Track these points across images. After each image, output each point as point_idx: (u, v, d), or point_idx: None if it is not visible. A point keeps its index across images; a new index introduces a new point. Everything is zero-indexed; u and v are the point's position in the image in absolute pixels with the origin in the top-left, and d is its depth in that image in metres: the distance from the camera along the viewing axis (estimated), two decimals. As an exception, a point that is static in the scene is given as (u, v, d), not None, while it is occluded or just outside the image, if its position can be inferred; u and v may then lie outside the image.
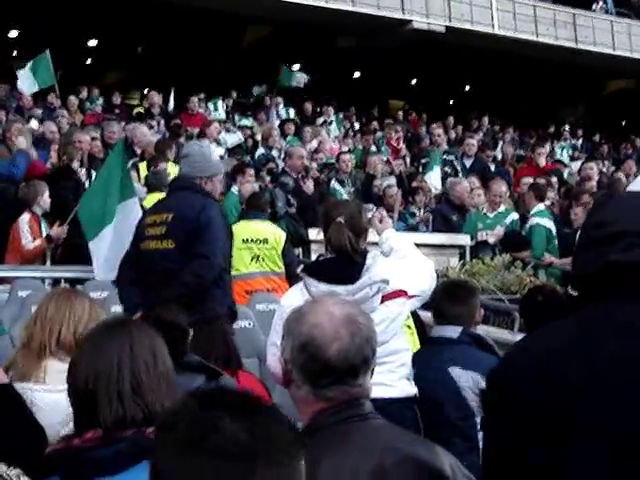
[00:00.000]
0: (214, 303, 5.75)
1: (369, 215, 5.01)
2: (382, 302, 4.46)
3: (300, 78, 20.13)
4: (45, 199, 9.06)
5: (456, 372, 4.82)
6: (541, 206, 10.78)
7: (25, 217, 8.95)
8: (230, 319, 5.88)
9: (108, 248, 7.13)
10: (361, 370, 2.46)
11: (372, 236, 4.97)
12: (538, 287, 6.28)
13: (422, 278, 4.72)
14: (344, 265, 4.45)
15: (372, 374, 2.55)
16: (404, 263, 4.74)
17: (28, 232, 8.92)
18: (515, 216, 10.97)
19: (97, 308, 4.11)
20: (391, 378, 4.44)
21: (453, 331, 4.96)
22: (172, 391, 2.57)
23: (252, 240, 8.43)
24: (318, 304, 2.56)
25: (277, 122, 17.14)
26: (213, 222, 5.79)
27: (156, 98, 16.82)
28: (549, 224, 10.61)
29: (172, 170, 10.22)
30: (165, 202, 6.20)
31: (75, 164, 9.60)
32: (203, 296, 5.70)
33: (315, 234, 9.26)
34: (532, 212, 10.75)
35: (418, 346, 5.27)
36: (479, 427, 4.60)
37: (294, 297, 4.52)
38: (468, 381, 4.77)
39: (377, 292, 4.41)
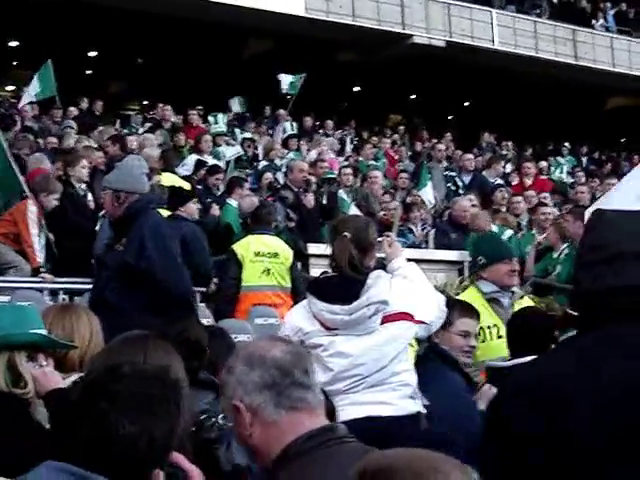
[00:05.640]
0: None
1: (379, 238, 4.92)
2: (382, 323, 4.38)
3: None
4: (51, 199, 8.99)
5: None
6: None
7: (33, 209, 8.81)
8: None
9: None
10: None
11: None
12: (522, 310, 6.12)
13: (432, 307, 4.63)
14: (343, 284, 4.40)
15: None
16: (412, 286, 4.65)
17: (35, 223, 8.77)
18: (509, 233, 10.88)
19: (95, 320, 4.08)
20: (392, 396, 4.38)
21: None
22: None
23: (264, 253, 8.41)
24: (250, 342, 2.61)
25: (281, 136, 17.04)
26: None
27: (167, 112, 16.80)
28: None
29: (168, 181, 10.10)
30: None
31: (74, 180, 9.50)
32: None
33: (315, 249, 9.26)
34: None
35: None
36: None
37: (298, 313, 4.51)
38: None
39: (375, 313, 4.33)
